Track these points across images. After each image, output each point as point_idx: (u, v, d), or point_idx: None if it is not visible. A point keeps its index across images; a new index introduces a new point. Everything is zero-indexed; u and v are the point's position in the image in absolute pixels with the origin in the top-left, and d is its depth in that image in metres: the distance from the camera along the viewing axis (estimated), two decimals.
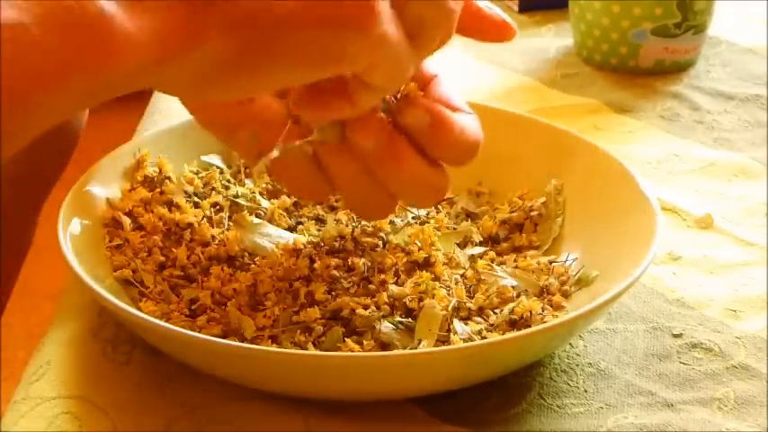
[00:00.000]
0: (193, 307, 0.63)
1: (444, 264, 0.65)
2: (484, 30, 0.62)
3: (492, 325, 0.62)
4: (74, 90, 0.45)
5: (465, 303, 0.63)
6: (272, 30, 0.48)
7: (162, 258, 0.66)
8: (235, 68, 0.49)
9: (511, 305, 0.62)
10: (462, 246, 0.68)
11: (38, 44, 0.43)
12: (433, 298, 0.62)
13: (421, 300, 0.62)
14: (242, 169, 0.73)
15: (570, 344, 0.64)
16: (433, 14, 0.53)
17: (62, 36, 0.44)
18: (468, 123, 0.61)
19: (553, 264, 0.67)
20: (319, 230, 0.68)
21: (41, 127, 0.47)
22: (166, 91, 0.54)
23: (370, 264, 0.65)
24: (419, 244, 0.66)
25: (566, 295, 0.65)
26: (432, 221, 0.69)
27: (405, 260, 0.65)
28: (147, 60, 0.46)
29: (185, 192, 0.70)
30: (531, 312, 0.62)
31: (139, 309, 0.62)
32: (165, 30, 0.46)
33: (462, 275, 0.65)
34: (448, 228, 0.69)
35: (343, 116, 0.57)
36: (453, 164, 0.62)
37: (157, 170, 0.71)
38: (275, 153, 0.60)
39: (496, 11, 0.62)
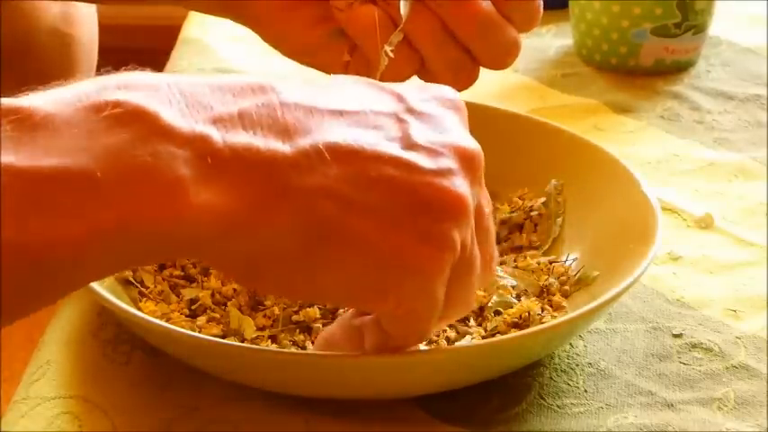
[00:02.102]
0: (193, 307, 0.63)
1: None
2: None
3: (493, 327, 0.62)
4: (128, 247, 0.43)
5: None
6: (339, 240, 0.47)
7: None
8: (289, 265, 0.47)
9: (510, 309, 0.62)
10: None
11: (102, 195, 0.42)
12: None
13: None
14: None
15: (570, 344, 0.64)
16: (463, 297, 0.52)
17: (128, 189, 0.42)
18: None
19: (553, 264, 0.67)
20: None
21: (89, 279, 0.46)
22: (220, 267, 0.53)
23: None
24: None
25: (566, 295, 0.65)
26: None
27: None
28: (210, 230, 0.44)
29: None
30: (529, 313, 0.62)
31: (139, 309, 0.62)
32: (236, 204, 0.44)
33: None
34: None
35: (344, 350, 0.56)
36: (521, 26, 0.65)
37: None
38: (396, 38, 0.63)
39: None
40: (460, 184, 0.49)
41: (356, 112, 0.48)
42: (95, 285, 0.59)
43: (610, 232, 0.67)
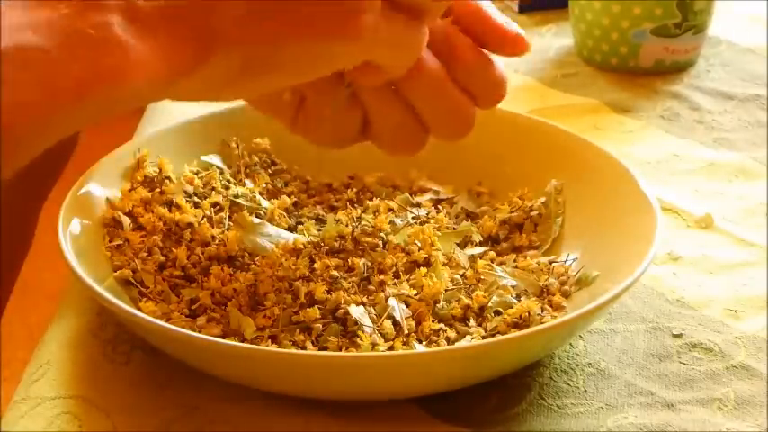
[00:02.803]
0: (193, 307, 0.63)
1: (444, 264, 0.65)
2: (496, 42, 0.63)
3: (492, 327, 0.62)
4: (89, 107, 0.49)
5: (464, 301, 0.63)
6: (269, 45, 0.53)
7: (162, 258, 0.66)
8: (239, 79, 0.53)
9: (510, 310, 0.62)
10: (462, 246, 0.68)
11: (58, 66, 0.47)
12: (422, 289, 0.62)
13: (417, 295, 0.63)
14: (242, 169, 0.73)
15: (570, 344, 0.64)
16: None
17: (80, 60, 0.48)
18: (494, 59, 0.63)
19: (553, 264, 0.67)
20: (319, 230, 0.68)
21: (57, 137, 0.51)
22: (177, 99, 0.57)
23: (369, 264, 0.65)
24: (419, 244, 0.66)
25: (566, 295, 0.65)
26: (432, 221, 0.69)
27: (405, 260, 0.65)
28: (159, 79, 0.50)
29: (185, 192, 0.70)
30: (529, 313, 0.62)
31: (139, 309, 0.62)
32: (174, 52, 0.50)
33: (462, 275, 0.65)
34: (448, 228, 0.69)
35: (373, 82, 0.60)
36: (482, 101, 0.63)
37: (157, 170, 0.71)
38: None
39: (512, 24, 0.64)
40: None
41: None
42: (95, 285, 0.59)
43: (610, 232, 0.67)
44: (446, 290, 0.63)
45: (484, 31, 0.62)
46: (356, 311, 0.61)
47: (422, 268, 0.64)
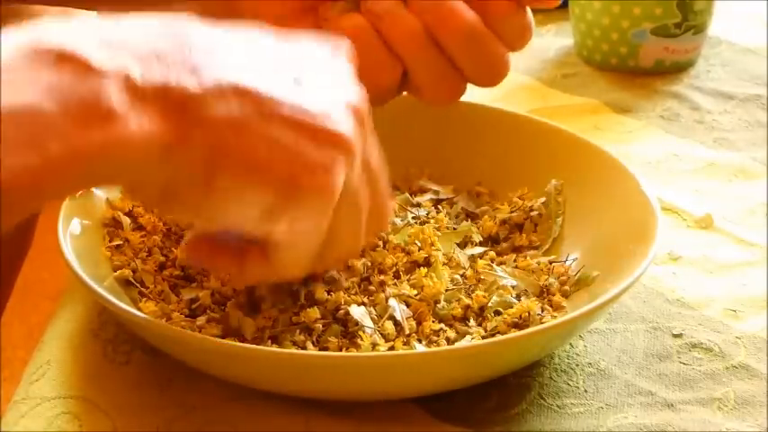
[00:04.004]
0: (193, 306, 0.63)
1: (444, 264, 0.65)
2: None
3: (492, 327, 0.62)
4: (77, 174, 0.49)
5: (464, 301, 0.63)
6: (239, 167, 0.52)
7: (162, 258, 0.66)
8: (196, 189, 0.53)
9: (510, 310, 0.62)
10: (462, 246, 0.68)
11: (54, 130, 0.47)
12: (422, 290, 0.62)
13: (417, 295, 0.63)
14: None
15: (570, 344, 0.64)
16: (349, 238, 0.58)
17: (76, 125, 0.48)
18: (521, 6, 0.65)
19: (553, 264, 0.67)
20: None
21: (42, 204, 0.52)
22: (138, 197, 0.60)
23: (369, 264, 0.65)
24: (419, 244, 0.66)
25: (566, 295, 0.65)
26: (432, 221, 0.69)
27: (405, 260, 0.65)
28: (142, 157, 0.50)
29: None
30: (529, 313, 0.62)
31: (139, 309, 0.62)
32: (157, 132, 0.50)
33: (462, 275, 0.65)
34: (448, 228, 0.69)
35: (222, 271, 0.61)
36: (512, 45, 0.66)
37: None
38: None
39: None
40: (348, 127, 0.54)
41: (257, 56, 0.55)
42: (95, 285, 0.59)
43: (610, 232, 0.67)
44: (446, 290, 0.63)
45: None
46: (357, 312, 0.61)
47: (422, 268, 0.64)
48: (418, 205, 0.72)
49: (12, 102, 0.47)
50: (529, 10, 0.65)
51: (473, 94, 0.67)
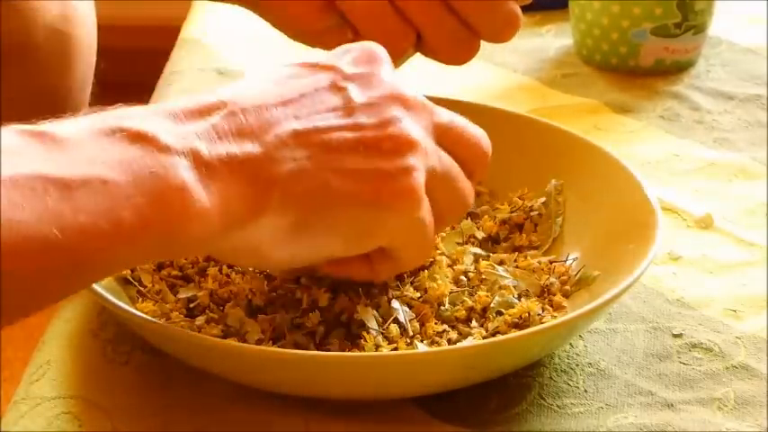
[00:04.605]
0: (191, 306, 0.63)
1: (448, 266, 0.65)
2: None
3: (494, 328, 0.62)
4: (146, 246, 0.50)
5: (468, 303, 0.63)
6: (325, 204, 0.55)
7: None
8: (287, 239, 0.55)
9: (512, 310, 0.62)
10: (463, 245, 0.68)
11: (127, 201, 0.49)
12: (426, 293, 0.62)
13: (421, 298, 0.63)
14: None
15: (570, 344, 0.64)
16: (454, 203, 0.60)
17: (148, 197, 0.50)
18: None
19: (554, 263, 0.67)
20: None
21: (109, 274, 0.55)
22: (227, 260, 0.61)
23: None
24: None
25: (566, 295, 0.65)
26: None
27: None
28: (216, 228, 0.52)
29: None
30: (529, 313, 0.62)
31: (136, 308, 0.62)
32: (233, 202, 0.52)
33: (465, 275, 0.65)
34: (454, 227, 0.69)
35: (360, 278, 0.61)
36: None
37: None
38: None
39: None
40: (407, 124, 0.57)
41: (300, 96, 0.56)
42: (95, 285, 0.59)
43: (610, 232, 0.67)
44: (450, 292, 0.63)
45: None
46: (364, 312, 0.61)
47: (425, 271, 0.64)
48: None
49: (84, 172, 0.48)
50: None
51: (473, 94, 0.67)
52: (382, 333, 0.60)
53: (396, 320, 0.61)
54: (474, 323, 0.62)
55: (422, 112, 0.58)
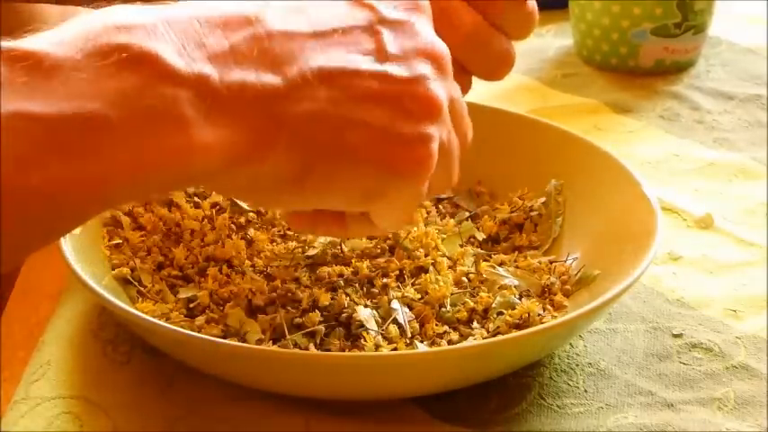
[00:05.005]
0: (191, 306, 0.63)
1: (449, 267, 0.65)
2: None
3: (494, 328, 0.62)
4: (142, 184, 0.47)
5: (469, 304, 0.63)
6: (333, 155, 0.51)
7: (161, 258, 0.66)
8: (290, 186, 0.51)
9: (513, 311, 0.62)
10: (464, 246, 0.68)
11: (119, 139, 0.45)
12: (428, 294, 0.62)
13: (422, 299, 0.63)
14: None
15: (570, 344, 0.64)
16: (443, 181, 0.57)
17: (143, 135, 0.46)
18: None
19: (554, 263, 0.67)
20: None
21: (104, 211, 0.50)
22: (225, 193, 0.57)
23: (372, 267, 0.65)
24: (422, 251, 0.66)
25: (567, 294, 0.65)
26: (435, 224, 0.69)
27: (411, 266, 0.65)
28: (216, 165, 0.48)
29: (185, 192, 0.70)
30: (529, 314, 0.62)
31: (136, 308, 0.62)
32: (238, 139, 0.48)
33: (466, 276, 0.65)
34: (453, 232, 0.69)
35: (327, 236, 0.59)
36: (515, 35, 0.64)
37: None
38: None
39: None
40: (435, 87, 0.53)
41: (333, 31, 0.51)
42: (95, 286, 0.59)
43: (610, 232, 0.67)
44: (452, 294, 0.63)
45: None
46: (364, 312, 0.61)
47: (427, 274, 0.64)
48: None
49: (73, 108, 0.44)
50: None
51: (473, 94, 0.67)
52: (382, 333, 0.60)
53: (395, 321, 0.61)
54: (475, 324, 0.62)
55: (447, 77, 0.55)
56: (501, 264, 0.67)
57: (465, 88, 0.65)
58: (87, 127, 0.44)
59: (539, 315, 0.62)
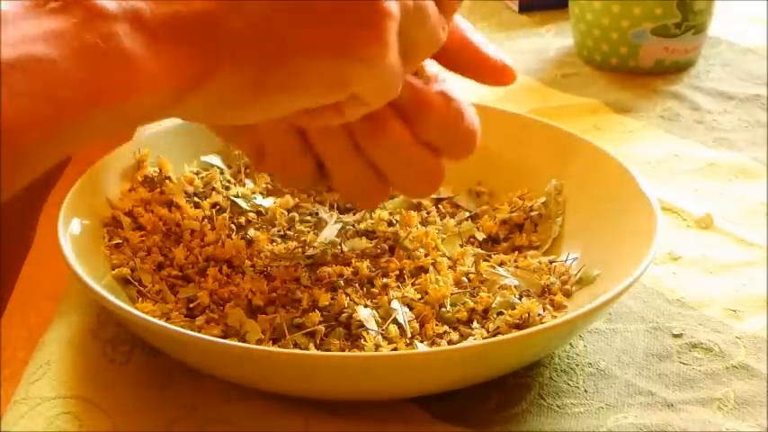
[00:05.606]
0: (191, 306, 0.63)
1: (449, 267, 0.65)
2: (483, 72, 0.62)
3: (494, 328, 0.62)
4: (96, 121, 0.48)
5: (469, 304, 0.63)
6: (282, 58, 0.50)
7: (161, 258, 0.66)
8: (247, 96, 0.51)
9: (512, 311, 0.62)
10: (463, 246, 0.68)
11: (66, 78, 0.46)
12: (427, 294, 0.62)
13: (422, 299, 0.63)
14: (242, 169, 0.73)
15: (570, 344, 0.64)
16: (426, 41, 0.55)
17: (88, 72, 0.46)
18: (465, 111, 0.60)
19: (554, 263, 0.67)
20: (317, 234, 0.68)
21: (62, 154, 0.50)
22: (184, 118, 0.57)
23: (373, 267, 0.65)
24: (422, 251, 0.66)
25: (567, 294, 0.65)
26: (435, 224, 0.69)
27: (411, 266, 0.65)
28: (167, 94, 0.48)
29: (185, 192, 0.70)
30: (528, 314, 0.62)
31: (136, 309, 0.62)
32: (181, 66, 0.48)
33: (466, 276, 0.65)
34: (453, 233, 0.69)
35: (331, 124, 0.58)
36: (451, 154, 0.61)
37: (157, 170, 0.71)
38: None
39: (497, 52, 0.62)
40: None
41: None
42: (96, 286, 0.59)
43: (610, 232, 0.67)
44: (452, 294, 0.63)
45: (471, 62, 0.61)
46: (363, 313, 0.61)
47: (427, 274, 0.64)
48: (419, 205, 0.72)
49: (18, 53, 0.45)
50: (472, 117, 0.60)
51: (474, 94, 0.67)
52: (382, 333, 0.60)
53: (395, 321, 0.61)
54: (475, 324, 0.62)
55: None
56: (501, 264, 0.67)
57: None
58: (31, 69, 0.45)
59: (539, 315, 0.62)
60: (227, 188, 0.71)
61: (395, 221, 0.69)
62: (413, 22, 0.53)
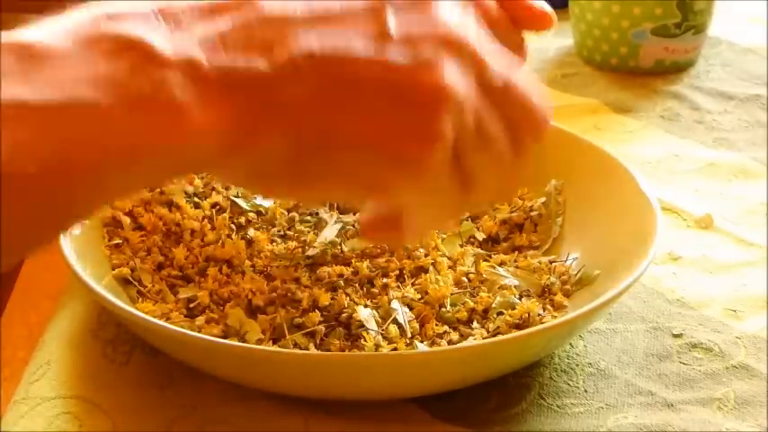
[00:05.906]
0: (191, 305, 0.63)
1: (450, 267, 0.65)
2: (524, 18, 0.61)
3: (495, 328, 0.62)
4: (140, 170, 0.46)
5: (469, 304, 0.63)
6: (328, 145, 0.48)
7: (161, 258, 0.66)
8: (289, 173, 0.49)
9: (512, 311, 0.62)
10: (464, 246, 0.68)
11: (113, 126, 0.44)
12: (428, 294, 0.62)
13: (422, 299, 0.63)
14: None
15: (570, 344, 0.64)
16: (488, 172, 0.53)
17: (136, 121, 0.45)
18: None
19: (554, 263, 0.67)
20: (317, 233, 0.68)
21: (106, 200, 0.49)
22: (226, 178, 0.56)
23: (373, 267, 0.65)
24: (422, 251, 0.66)
25: (567, 294, 0.65)
26: None
27: (411, 266, 0.65)
28: (214, 148, 0.47)
29: (185, 192, 0.70)
30: (528, 314, 0.62)
31: (136, 308, 0.62)
32: (234, 120, 0.46)
33: (466, 276, 0.65)
34: (454, 228, 0.69)
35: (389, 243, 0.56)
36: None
37: None
38: None
39: (539, 2, 0.61)
40: (442, 74, 0.48)
41: (331, 12, 0.49)
42: (96, 286, 0.59)
43: (610, 232, 0.67)
44: (452, 294, 0.63)
45: (514, 8, 0.60)
46: (363, 313, 0.61)
47: (427, 274, 0.64)
48: None
49: (67, 96, 0.44)
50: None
51: None
52: (382, 333, 0.60)
53: (395, 321, 0.61)
54: (475, 324, 0.62)
55: (470, 62, 0.50)
56: (501, 264, 0.67)
57: (518, 49, 0.60)
58: (78, 114, 0.44)
59: (539, 315, 0.62)
60: (227, 188, 0.71)
61: None
62: (475, 152, 0.51)
